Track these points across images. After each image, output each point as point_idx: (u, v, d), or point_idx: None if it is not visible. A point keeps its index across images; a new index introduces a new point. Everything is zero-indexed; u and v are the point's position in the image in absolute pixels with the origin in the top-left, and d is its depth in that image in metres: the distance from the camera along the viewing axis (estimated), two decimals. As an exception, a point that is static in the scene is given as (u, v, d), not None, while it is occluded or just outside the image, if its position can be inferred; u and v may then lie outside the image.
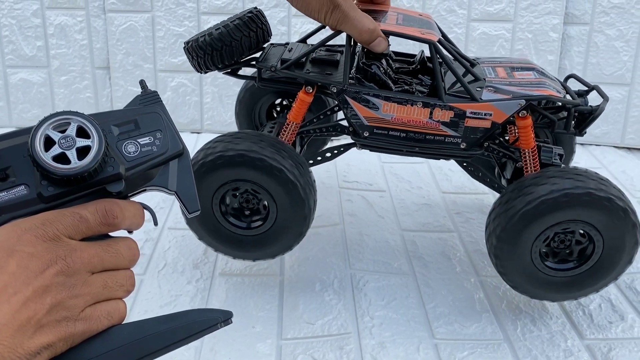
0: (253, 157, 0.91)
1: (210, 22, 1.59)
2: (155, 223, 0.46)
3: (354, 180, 1.42)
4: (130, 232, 0.44)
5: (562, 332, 0.97)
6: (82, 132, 0.40)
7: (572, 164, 1.55)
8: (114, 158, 0.41)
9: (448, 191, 1.37)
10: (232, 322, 0.42)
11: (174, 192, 0.44)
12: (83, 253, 0.38)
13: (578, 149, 1.64)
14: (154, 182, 0.44)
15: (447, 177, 1.43)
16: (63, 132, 0.39)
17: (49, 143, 0.39)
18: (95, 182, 0.40)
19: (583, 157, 1.59)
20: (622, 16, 1.57)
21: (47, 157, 0.38)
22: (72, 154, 0.39)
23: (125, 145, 0.42)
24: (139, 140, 0.42)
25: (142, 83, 0.46)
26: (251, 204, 0.97)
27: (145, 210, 0.44)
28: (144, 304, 0.99)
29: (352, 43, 0.93)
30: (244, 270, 1.09)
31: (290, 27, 1.59)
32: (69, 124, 0.40)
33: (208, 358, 0.89)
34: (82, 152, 0.39)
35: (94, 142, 0.39)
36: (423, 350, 0.92)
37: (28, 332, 0.35)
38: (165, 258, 1.11)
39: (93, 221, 0.39)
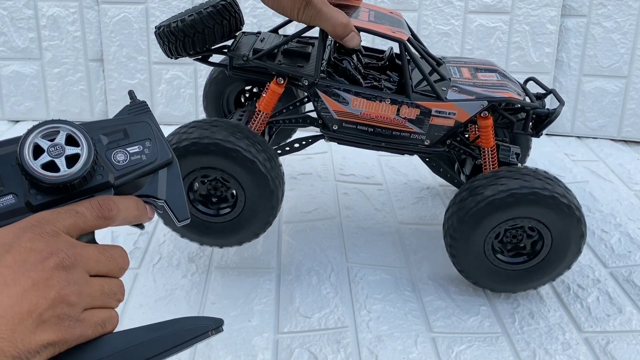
0: (228, 147, 0.91)
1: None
2: (143, 226, 0.46)
3: (350, 173, 1.41)
4: (141, 227, 0.45)
5: (560, 325, 0.96)
6: (71, 141, 0.40)
7: (572, 158, 1.55)
8: (103, 167, 0.41)
9: (445, 184, 1.37)
10: (223, 330, 0.41)
11: (163, 201, 0.44)
12: (82, 251, 0.38)
13: (575, 141, 1.64)
14: (144, 191, 0.44)
15: (444, 170, 1.43)
16: (52, 140, 0.39)
17: (37, 151, 0.39)
18: (84, 190, 0.40)
19: (580, 150, 1.58)
20: (619, 8, 1.56)
21: (36, 165, 0.38)
22: (61, 162, 0.39)
23: (114, 154, 0.42)
24: (128, 149, 0.43)
25: (132, 94, 0.46)
26: (219, 192, 0.98)
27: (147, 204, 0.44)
28: (139, 298, 0.98)
29: (324, 38, 0.93)
30: (240, 263, 1.08)
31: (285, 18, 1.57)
32: (58, 132, 0.39)
33: (204, 352, 0.88)
34: (72, 160, 0.39)
35: (83, 150, 0.39)
36: (420, 344, 0.91)
37: (29, 327, 0.34)
38: (160, 252, 1.10)
39: (90, 215, 0.39)
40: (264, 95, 0.99)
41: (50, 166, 0.39)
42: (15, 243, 0.35)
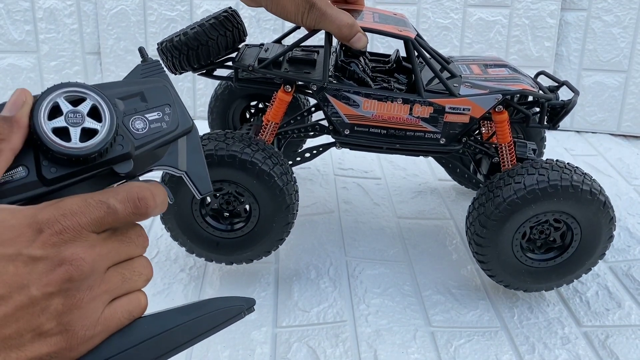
0: (245, 159, 0.89)
1: (203, 6, 1.56)
2: (172, 199, 0.42)
3: (349, 167, 1.40)
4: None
5: (559, 320, 0.96)
6: (95, 113, 0.36)
7: (571, 153, 1.55)
8: (123, 136, 0.37)
9: (444, 178, 1.36)
10: (254, 310, 0.39)
11: (183, 172, 0.40)
12: (102, 248, 0.34)
13: (574, 136, 1.64)
14: (163, 162, 0.39)
15: (443, 164, 1.42)
16: (75, 105, 0.35)
17: (54, 112, 0.35)
18: (102, 162, 0.36)
19: (579, 145, 1.58)
20: (619, 2, 1.55)
21: (47, 126, 0.34)
22: (75, 132, 0.35)
23: (132, 121, 0.38)
24: (147, 115, 0.38)
25: (142, 51, 0.42)
26: (231, 206, 0.96)
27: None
28: (136, 292, 0.98)
29: (330, 41, 0.92)
30: (238, 257, 1.07)
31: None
32: (84, 99, 0.36)
33: (202, 346, 0.88)
34: (88, 133, 0.35)
35: (103, 128, 0.35)
36: (419, 338, 0.91)
37: (16, 344, 0.32)
38: (157, 246, 1.10)
39: (122, 212, 0.35)
40: (271, 105, 0.98)
41: (62, 132, 0.34)
42: (25, 250, 0.32)
